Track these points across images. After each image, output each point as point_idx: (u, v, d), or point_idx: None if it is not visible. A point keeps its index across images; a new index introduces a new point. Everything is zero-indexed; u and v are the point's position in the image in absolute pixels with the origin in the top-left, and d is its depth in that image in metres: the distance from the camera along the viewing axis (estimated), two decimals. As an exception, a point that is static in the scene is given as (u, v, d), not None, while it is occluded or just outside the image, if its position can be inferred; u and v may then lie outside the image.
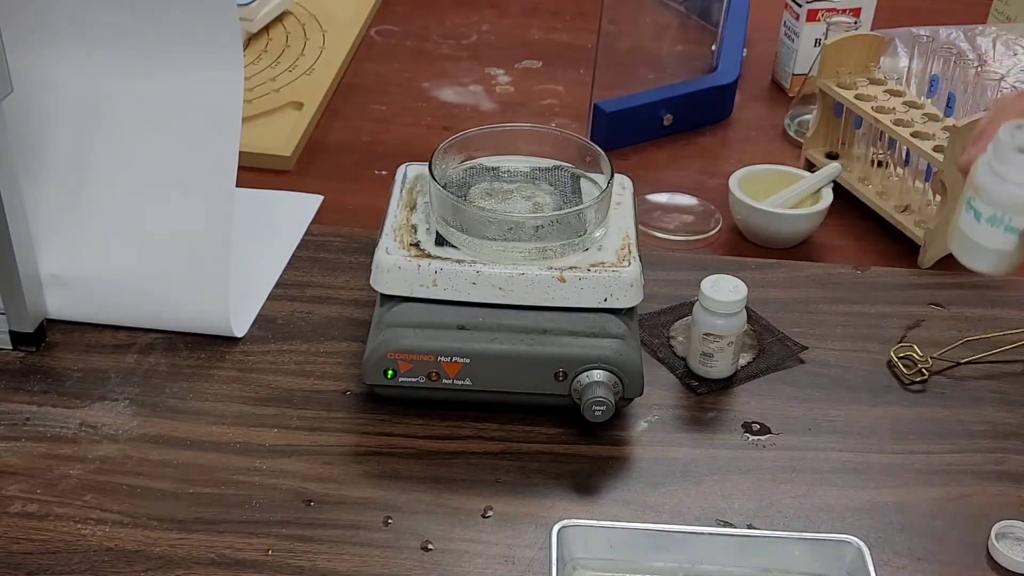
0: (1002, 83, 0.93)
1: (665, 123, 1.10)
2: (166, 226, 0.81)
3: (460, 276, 0.72)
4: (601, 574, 0.64)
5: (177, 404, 0.76)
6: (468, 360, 0.72)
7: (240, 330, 0.82)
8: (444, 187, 0.74)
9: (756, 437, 0.76)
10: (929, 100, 0.97)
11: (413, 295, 0.73)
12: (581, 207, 0.74)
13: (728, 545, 0.64)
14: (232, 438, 0.74)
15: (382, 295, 0.74)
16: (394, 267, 0.73)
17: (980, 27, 1.30)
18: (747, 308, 0.78)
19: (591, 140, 0.84)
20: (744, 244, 0.96)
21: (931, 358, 0.82)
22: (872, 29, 1.16)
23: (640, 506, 0.70)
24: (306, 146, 1.08)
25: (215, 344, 0.81)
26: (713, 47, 1.16)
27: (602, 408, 0.71)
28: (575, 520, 0.64)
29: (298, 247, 0.92)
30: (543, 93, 1.19)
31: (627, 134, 1.08)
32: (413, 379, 0.73)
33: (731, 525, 0.69)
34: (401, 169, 0.82)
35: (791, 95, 1.17)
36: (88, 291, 0.82)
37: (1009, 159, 0.62)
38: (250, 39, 1.23)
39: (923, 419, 0.78)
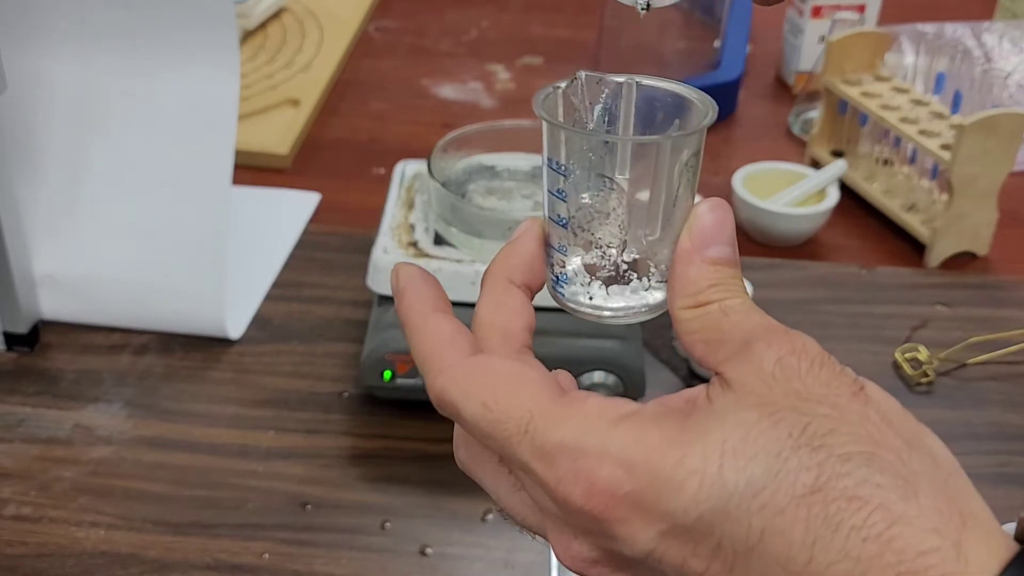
0: (1008, 80, 0.92)
1: (667, 120, 1.09)
2: (161, 225, 0.80)
3: (459, 276, 0.71)
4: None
5: (172, 406, 0.75)
6: (467, 361, 0.71)
7: (236, 331, 0.81)
8: (443, 185, 0.72)
9: (759, 439, 0.75)
10: (935, 97, 0.96)
11: (411, 295, 0.72)
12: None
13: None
14: (228, 440, 0.73)
15: (380, 295, 0.74)
16: (392, 267, 0.71)
17: (986, 24, 1.29)
18: (751, 308, 0.77)
19: (592, 138, 0.83)
20: (748, 243, 0.95)
21: (937, 359, 0.81)
22: (877, 25, 1.15)
23: (642, 510, 0.69)
24: (303, 144, 1.07)
25: (210, 345, 0.80)
26: (716, 43, 1.15)
27: (603, 410, 0.70)
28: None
29: (295, 246, 0.91)
30: (544, 90, 1.18)
31: (629, 131, 1.07)
32: (411, 381, 0.72)
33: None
34: (399, 167, 0.81)
35: (795, 92, 1.16)
36: (83, 291, 0.81)
37: None
38: (247, 36, 1.22)
39: (928, 421, 0.75)
